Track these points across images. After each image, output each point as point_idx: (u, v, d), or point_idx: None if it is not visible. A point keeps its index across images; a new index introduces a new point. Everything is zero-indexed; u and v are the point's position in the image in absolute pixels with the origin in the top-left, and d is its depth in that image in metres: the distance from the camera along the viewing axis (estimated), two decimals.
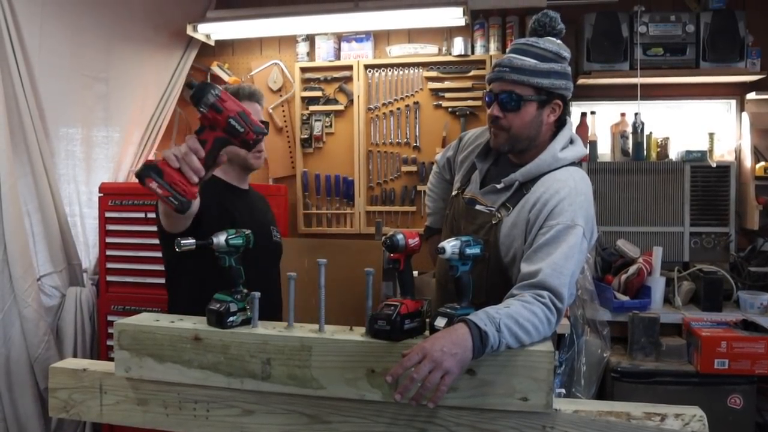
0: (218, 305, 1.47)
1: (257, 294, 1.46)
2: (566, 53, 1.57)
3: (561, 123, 1.62)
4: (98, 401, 1.56)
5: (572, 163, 1.60)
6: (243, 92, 1.85)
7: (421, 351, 1.22)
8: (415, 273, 2.03)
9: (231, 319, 1.46)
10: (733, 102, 3.17)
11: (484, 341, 1.24)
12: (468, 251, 1.38)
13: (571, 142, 1.62)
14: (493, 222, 1.57)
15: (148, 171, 1.20)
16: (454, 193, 1.76)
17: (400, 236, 1.39)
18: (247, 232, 1.54)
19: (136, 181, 1.23)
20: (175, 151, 1.23)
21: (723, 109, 3.22)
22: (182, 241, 1.46)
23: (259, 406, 1.44)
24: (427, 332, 1.40)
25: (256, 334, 1.42)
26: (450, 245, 1.36)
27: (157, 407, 1.51)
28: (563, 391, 2.27)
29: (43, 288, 2.69)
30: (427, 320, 1.43)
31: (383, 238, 1.42)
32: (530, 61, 1.52)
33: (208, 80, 3.55)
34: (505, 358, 1.29)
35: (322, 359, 1.37)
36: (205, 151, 1.23)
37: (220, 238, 1.48)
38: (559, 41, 1.58)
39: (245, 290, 1.51)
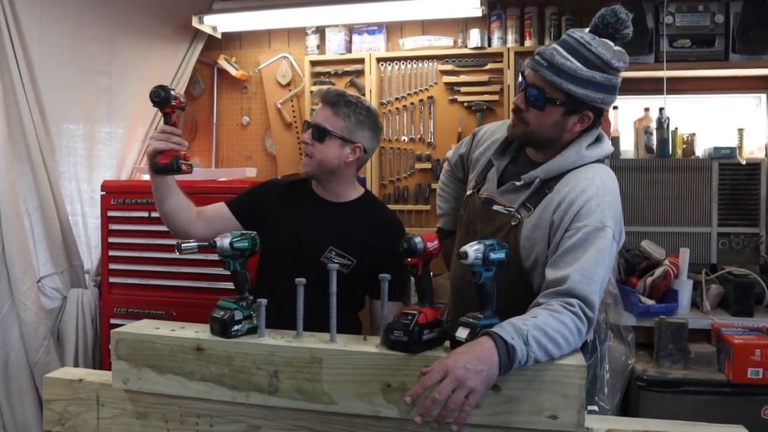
0: (222, 313, 1.42)
1: (264, 301, 1.41)
2: (619, 63, 1.43)
3: (589, 129, 1.53)
4: (95, 414, 1.52)
5: (597, 161, 1.53)
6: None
7: (443, 368, 1.15)
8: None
9: (236, 328, 1.41)
10: (764, 96, 3.06)
11: (511, 356, 1.18)
12: (492, 256, 1.30)
13: (597, 139, 1.54)
14: (513, 223, 1.50)
15: (178, 162, 1.60)
16: (468, 192, 1.70)
17: (418, 240, 1.32)
18: (253, 234, 1.49)
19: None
20: (160, 137, 1.60)
21: (753, 104, 3.12)
22: (183, 245, 1.43)
23: (266, 422, 1.39)
24: (447, 343, 1.33)
25: (263, 345, 1.37)
26: (473, 250, 1.28)
27: (158, 421, 1.47)
28: (596, 408, 2.18)
29: (43, 290, 2.66)
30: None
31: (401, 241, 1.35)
32: (573, 64, 1.40)
33: (214, 73, 3.59)
34: (533, 373, 1.24)
35: (334, 372, 1.32)
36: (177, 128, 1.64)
37: (224, 241, 1.44)
38: (618, 47, 1.44)
39: (251, 297, 1.46)
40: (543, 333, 1.22)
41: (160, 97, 1.57)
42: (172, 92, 1.59)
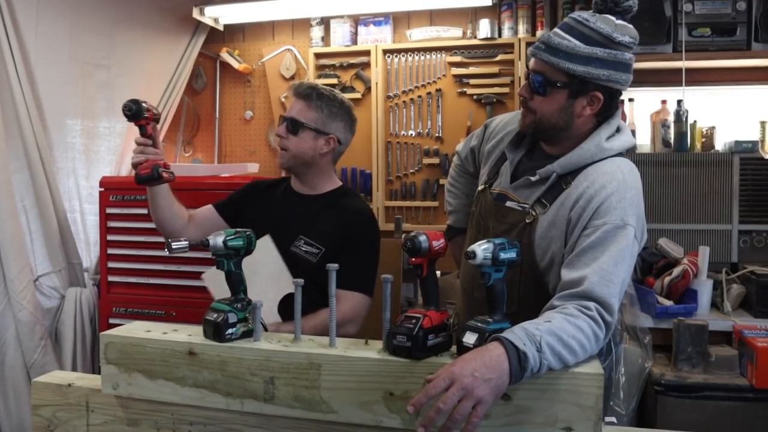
0: (215, 315, 1.36)
1: (260, 303, 1.36)
2: (624, 37, 1.37)
3: (606, 116, 1.47)
4: (85, 421, 1.47)
5: (619, 154, 1.46)
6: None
7: (449, 376, 1.08)
8: (438, 273, 1.92)
9: (230, 331, 1.35)
10: None
11: (522, 364, 1.11)
12: (503, 256, 1.23)
13: (618, 130, 1.48)
14: (527, 221, 1.45)
15: (158, 171, 1.67)
16: (480, 187, 1.64)
17: (422, 238, 1.25)
18: (248, 232, 1.44)
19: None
20: (136, 150, 1.70)
21: None
22: (173, 244, 1.40)
23: (261, 431, 1.33)
24: (453, 348, 1.27)
25: (258, 350, 1.31)
26: (481, 249, 1.21)
27: (149, 429, 1.42)
28: (614, 419, 2.10)
29: (40, 288, 2.64)
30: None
31: (404, 238, 1.28)
32: (571, 42, 1.36)
33: (217, 67, 3.59)
34: (546, 381, 1.17)
35: (333, 379, 1.26)
36: (154, 139, 1.72)
37: (217, 240, 1.38)
38: (620, 21, 1.39)
39: (247, 298, 1.40)
40: (557, 339, 1.15)
41: (132, 111, 1.64)
42: (144, 105, 1.66)
